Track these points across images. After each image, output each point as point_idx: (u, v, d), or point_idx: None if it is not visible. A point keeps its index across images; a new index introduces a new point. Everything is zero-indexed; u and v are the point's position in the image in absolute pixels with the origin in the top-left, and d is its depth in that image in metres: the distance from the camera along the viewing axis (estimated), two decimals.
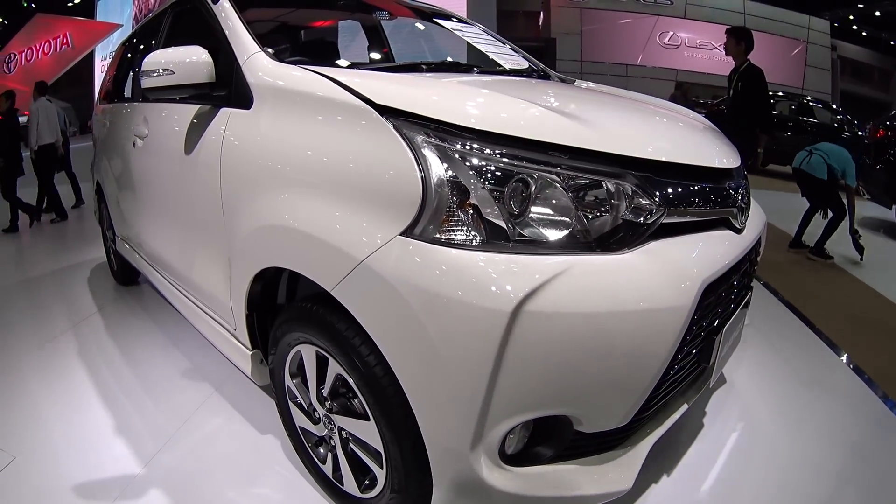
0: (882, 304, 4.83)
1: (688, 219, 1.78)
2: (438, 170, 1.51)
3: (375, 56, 3.14)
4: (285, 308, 2.12)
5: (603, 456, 1.74)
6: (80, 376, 3.29)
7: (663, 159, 1.74)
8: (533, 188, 1.52)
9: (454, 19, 3.61)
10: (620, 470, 1.73)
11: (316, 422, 2.07)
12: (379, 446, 1.77)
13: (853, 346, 3.76)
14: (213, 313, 2.62)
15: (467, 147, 1.54)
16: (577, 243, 1.53)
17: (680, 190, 1.76)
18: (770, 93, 13.37)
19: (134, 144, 3.33)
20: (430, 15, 3.61)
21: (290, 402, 2.20)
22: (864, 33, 36.47)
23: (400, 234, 1.51)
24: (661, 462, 2.42)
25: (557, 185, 1.54)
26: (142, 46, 4.20)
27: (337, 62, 2.72)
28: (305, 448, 2.21)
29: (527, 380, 1.45)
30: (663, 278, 1.56)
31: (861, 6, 32.92)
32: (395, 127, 1.60)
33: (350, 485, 2.00)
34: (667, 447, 2.51)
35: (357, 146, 1.67)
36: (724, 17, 27.82)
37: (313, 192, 1.76)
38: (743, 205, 2.09)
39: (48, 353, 3.61)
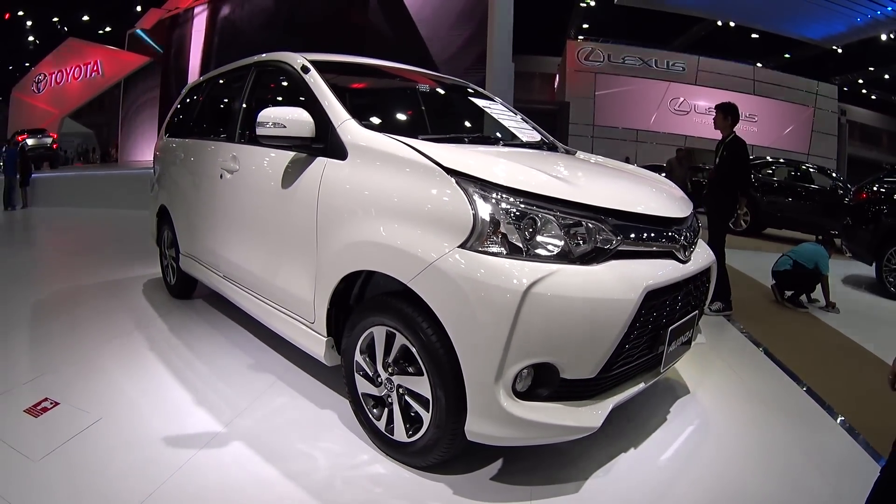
0: (844, 342, 5.49)
1: (639, 248, 2.70)
2: (483, 210, 2.43)
3: (424, 124, 4.04)
4: (364, 301, 2.96)
5: (580, 402, 2.57)
6: (154, 362, 3.93)
7: (624, 209, 2.67)
8: (539, 223, 2.44)
9: (482, 96, 4.54)
10: (592, 413, 2.54)
11: (378, 385, 2.83)
12: (428, 394, 2.56)
13: (812, 375, 4.38)
14: (290, 312, 3.37)
15: (500, 196, 2.46)
16: (565, 258, 2.43)
17: (634, 229, 2.69)
18: (770, 159, 14.05)
19: (221, 177, 4.09)
20: (468, 93, 4.56)
21: (356, 374, 2.94)
22: (873, 97, 36.85)
23: (457, 247, 2.41)
24: (631, 438, 3.18)
25: (554, 222, 2.45)
26: (219, 94, 5.03)
27: (394, 126, 3.63)
28: (364, 410, 2.95)
29: (530, 335, 2.31)
30: (619, 281, 2.46)
31: (871, 69, 33.39)
32: (456, 182, 2.52)
33: (400, 433, 2.75)
34: (636, 429, 3.30)
35: (428, 192, 2.56)
36: (735, 83, 28.19)
37: (395, 220, 2.63)
38: (686, 243, 2.98)
39: (120, 344, 4.25)
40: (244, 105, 4.17)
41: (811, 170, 14.09)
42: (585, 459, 2.92)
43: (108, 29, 36.18)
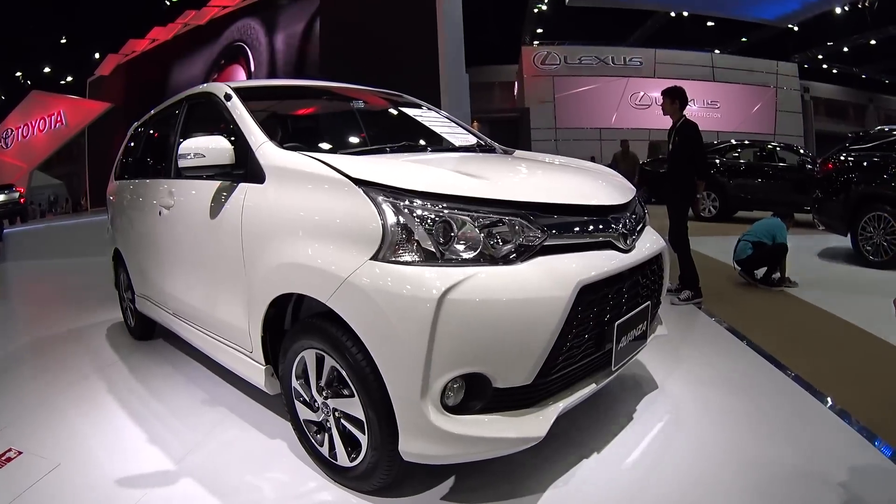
0: (824, 317, 5.37)
1: (571, 241, 2.57)
2: (392, 219, 2.33)
3: (351, 139, 3.96)
4: (292, 326, 2.87)
5: (521, 411, 2.44)
6: (112, 404, 3.90)
7: (550, 201, 2.58)
8: (454, 226, 2.33)
9: (416, 106, 4.50)
10: (534, 422, 2.41)
11: (315, 410, 2.75)
12: (362, 415, 2.47)
13: (792, 356, 4.22)
14: (231, 343, 3.32)
15: (410, 202, 2.37)
16: (485, 259, 2.32)
17: (563, 221, 2.58)
18: (734, 142, 14.12)
19: (160, 213, 4.04)
20: (397, 104, 4.51)
21: (295, 401, 2.87)
22: (834, 71, 37.07)
23: (369, 259, 2.32)
24: (593, 442, 3.06)
25: (470, 222, 2.35)
26: (157, 131, 4.98)
27: (320, 145, 3.56)
28: (308, 437, 2.87)
29: (452, 345, 2.20)
30: (547, 279, 2.34)
31: (830, 44, 33.52)
32: (364, 192, 2.42)
33: (342, 457, 2.66)
34: (599, 431, 3.18)
35: (340, 205, 2.48)
36: (694, 72, 28.34)
37: (311, 238, 2.57)
38: (626, 231, 2.84)
39: (81, 389, 4.22)
40: (177, 139, 4.13)
41: (777, 148, 14.06)
42: (545, 469, 2.81)
43: (69, 79, 36.24)
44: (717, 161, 13.60)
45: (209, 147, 3.03)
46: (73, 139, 29.88)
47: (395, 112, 4.43)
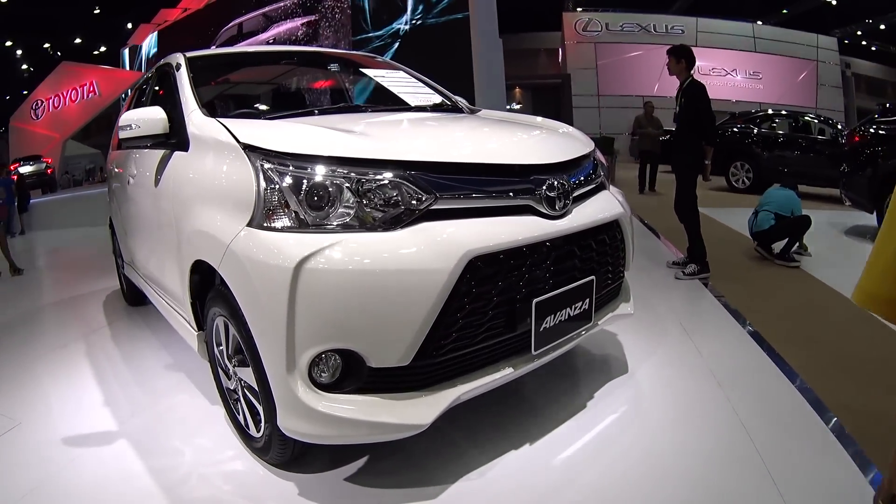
0: (841, 304, 4.84)
1: (467, 205, 2.32)
2: (263, 183, 2.26)
3: (292, 103, 3.92)
4: (210, 291, 2.78)
5: (405, 395, 2.25)
6: (85, 368, 4.01)
7: (440, 160, 2.35)
8: (328, 189, 2.20)
9: (379, 66, 4.40)
10: (419, 409, 2.22)
11: (230, 378, 2.74)
12: (256, 385, 2.41)
13: (795, 350, 3.72)
14: (178, 308, 3.34)
15: (287, 166, 2.26)
16: (359, 224, 2.18)
17: (455, 184, 2.33)
18: (771, 112, 13.70)
19: (128, 182, 4.12)
20: (363, 66, 4.43)
21: (219, 369, 2.87)
22: (873, 48, 36.33)
23: (246, 226, 2.26)
24: (530, 431, 2.80)
25: (345, 186, 2.21)
26: (138, 100, 5.00)
27: (260, 109, 3.61)
28: (230, 405, 2.86)
29: (314, 317, 2.08)
30: (428, 248, 2.12)
31: (868, 21, 32.83)
32: (248, 157, 2.37)
33: (252, 427, 2.63)
34: (541, 420, 2.90)
35: (231, 170, 2.44)
36: (735, 41, 27.86)
37: (213, 204, 2.53)
38: (552, 194, 2.52)
39: (63, 353, 4.34)
40: None
41: (814, 121, 13.58)
42: (466, 457, 2.60)
43: (102, 49, 36.63)
44: (753, 131, 13.26)
45: (143, 118, 3.06)
46: (108, 109, 30.08)
47: (352, 75, 4.38)
